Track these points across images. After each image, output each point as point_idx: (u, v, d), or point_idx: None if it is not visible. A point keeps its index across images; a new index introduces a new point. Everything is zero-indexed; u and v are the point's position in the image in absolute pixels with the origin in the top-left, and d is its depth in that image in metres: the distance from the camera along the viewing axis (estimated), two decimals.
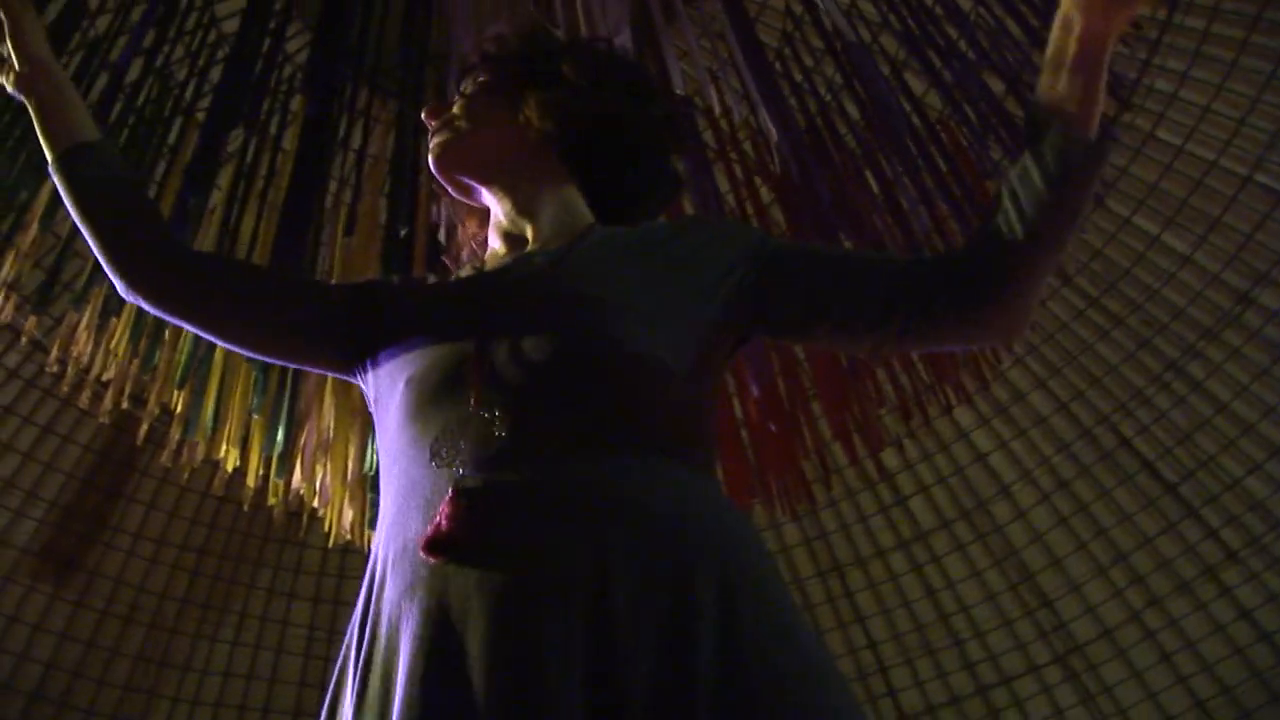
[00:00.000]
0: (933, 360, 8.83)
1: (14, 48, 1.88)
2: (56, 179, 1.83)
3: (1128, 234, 10.95)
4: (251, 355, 2.25)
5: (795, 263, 1.69)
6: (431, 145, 1.87)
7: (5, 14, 1.86)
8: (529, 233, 1.80)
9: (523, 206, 1.79)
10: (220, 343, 2.06)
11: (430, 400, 1.54)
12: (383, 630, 1.41)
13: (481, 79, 1.87)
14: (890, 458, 11.77)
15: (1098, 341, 11.59)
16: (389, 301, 1.82)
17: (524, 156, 1.79)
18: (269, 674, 13.20)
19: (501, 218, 1.82)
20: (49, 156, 1.84)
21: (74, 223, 1.76)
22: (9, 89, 1.92)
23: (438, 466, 1.43)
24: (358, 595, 1.66)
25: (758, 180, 7.18)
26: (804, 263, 1.69)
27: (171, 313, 1.89)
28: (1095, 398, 11.80)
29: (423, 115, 1.90)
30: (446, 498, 1.37)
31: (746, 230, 1.79)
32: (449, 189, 1.93)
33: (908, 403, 8.87)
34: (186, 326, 1.91)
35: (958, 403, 10.37)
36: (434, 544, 1.35)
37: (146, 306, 1.85)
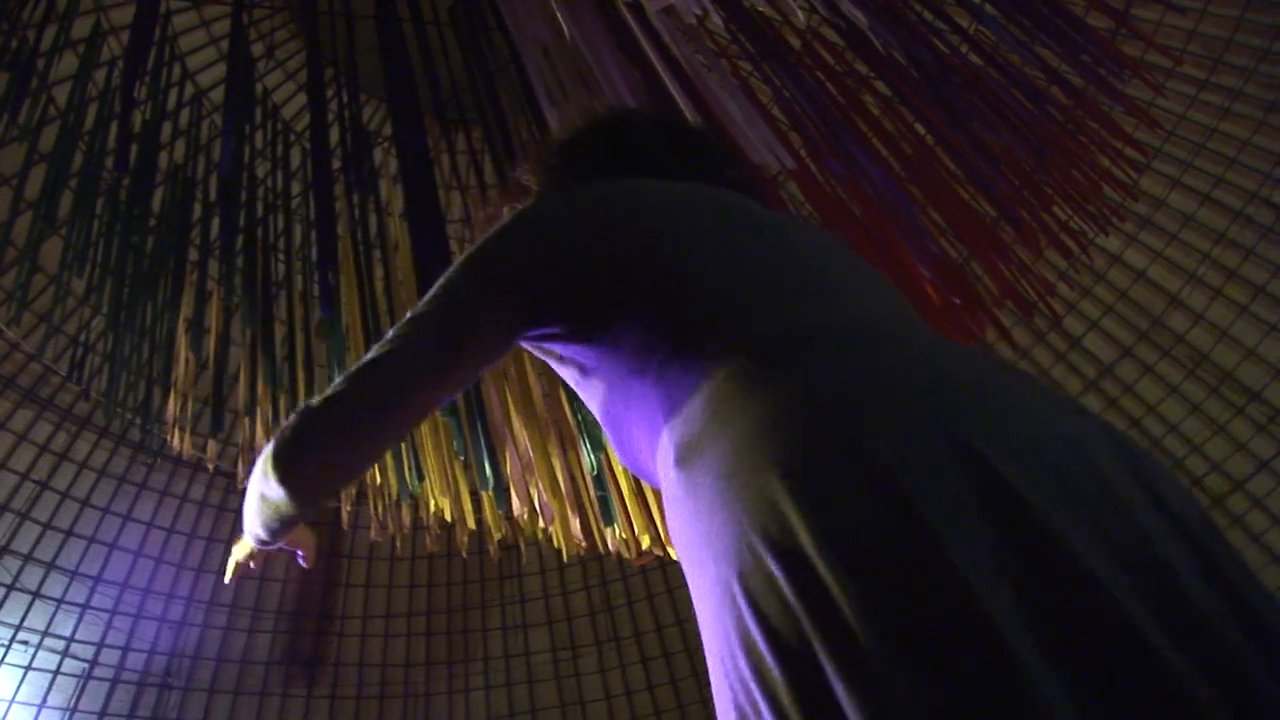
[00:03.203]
0: (1066, 197, 8.61)
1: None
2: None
3: (1218, 4, 10.47)
4: None
5: None
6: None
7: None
8: None
9: None
10: None
11: None
12: None
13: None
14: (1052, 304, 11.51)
15: (1221, 121, 11.14)
16: None
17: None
18: (528, 706, 13.43)
19: None
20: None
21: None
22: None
23: None
24: None
25: (853, 60, 7.01)
26: None
27: None
28: (1237, 178, 11.34)
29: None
30: None
31: None
32: None
33: (1055, 237, 8.65)
34: None
35: (1102, 230, 10.05)
36: None
37: None
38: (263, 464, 1.44)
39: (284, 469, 1.42)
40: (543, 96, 6.68)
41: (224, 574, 1.94)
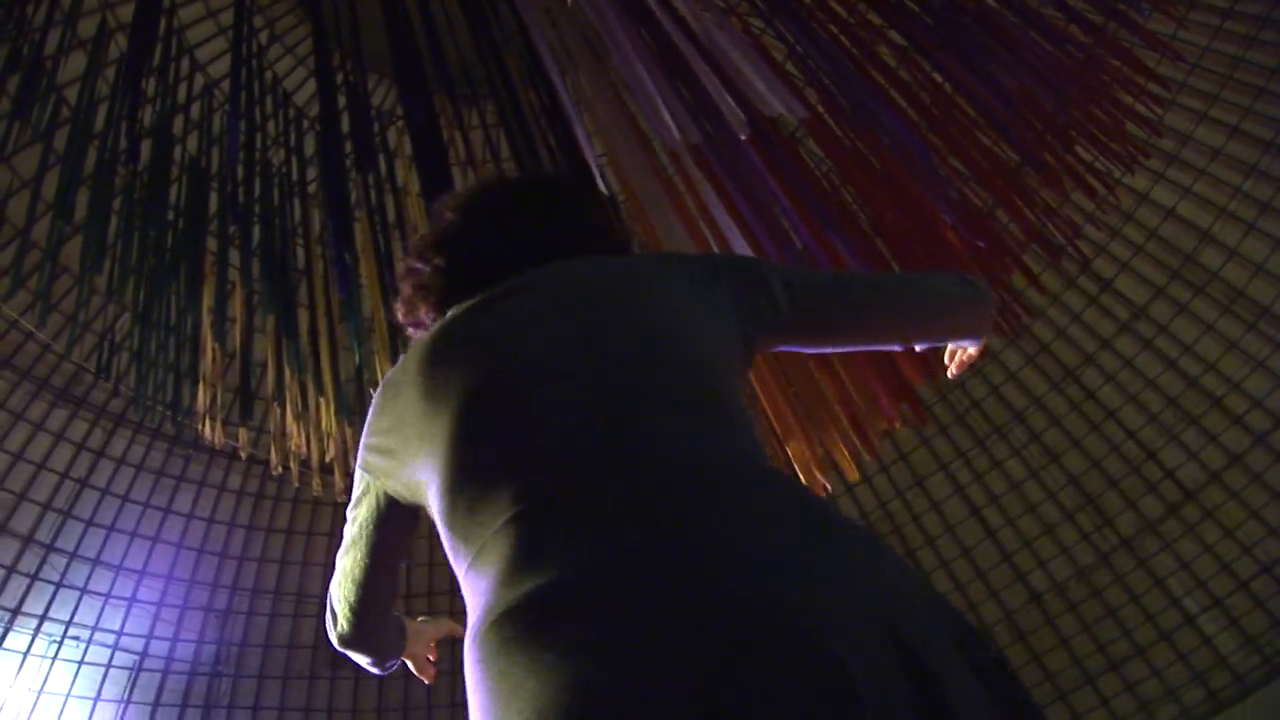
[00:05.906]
0: (1089, 136, 8.44)
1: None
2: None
3: None
4: None
5: None
6: None
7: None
8: None
9: None
10: None
11: None
12: None
13: None
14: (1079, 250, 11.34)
15: (1247, 51, 10.88)
16: None
17: None
18: None
19: None
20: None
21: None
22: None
23: None
24: None
25: (865, 10, 6.90)
26: None
27: None
28: (1266, 108, 11.08)
29: None
30: None
31: None
32: None
33: (1080, 179, 8.49)
34: None
35: (1128, 169, 9.85)
36: None
37: None
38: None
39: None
40: (551, 65, 6.61)
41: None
